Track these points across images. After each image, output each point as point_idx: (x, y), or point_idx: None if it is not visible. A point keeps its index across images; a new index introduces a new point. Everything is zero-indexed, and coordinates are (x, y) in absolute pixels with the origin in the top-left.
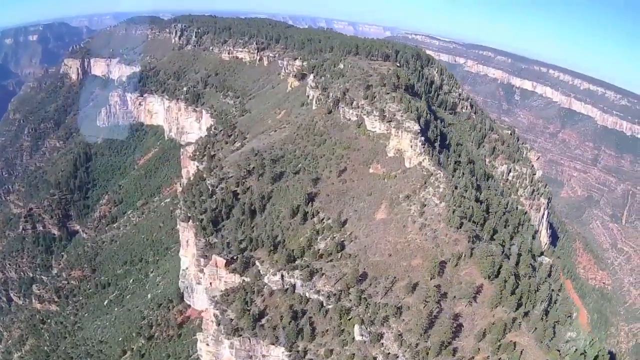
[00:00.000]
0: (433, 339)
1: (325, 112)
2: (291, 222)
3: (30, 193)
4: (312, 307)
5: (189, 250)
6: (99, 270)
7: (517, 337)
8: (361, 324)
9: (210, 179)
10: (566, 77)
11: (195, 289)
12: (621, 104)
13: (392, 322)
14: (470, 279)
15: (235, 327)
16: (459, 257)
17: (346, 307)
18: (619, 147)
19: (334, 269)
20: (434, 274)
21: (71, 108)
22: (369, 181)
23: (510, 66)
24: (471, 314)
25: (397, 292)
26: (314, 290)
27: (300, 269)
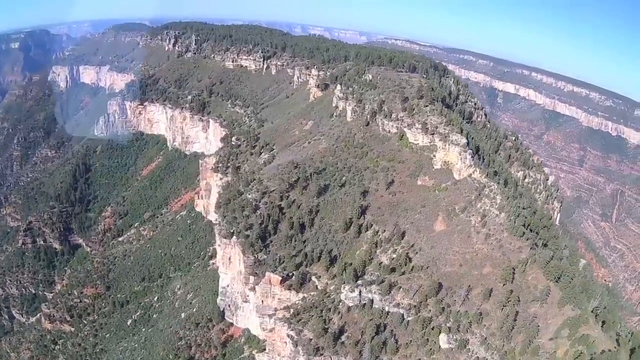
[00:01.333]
0: (516, 339)
1: (363, 124)
2: (345, 236)
3: (28, 205)
4: (392, 321)
5: (232, 268)
6: (114, 288)
7: (588, 330)
8: (448, 333)
9: (250, 193)
10: (549, 80)
11: (241, 307)
12: (606, 104)
13: (474, 328)
14: (537, 283)
15: (316, 346)
16: (525, 264)
17: (427, 318)
18: (605, 148)
19: (409, 281)
20: (508, 279)
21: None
22: (419, 193)
23: (492, 69)
24: (544, 314)
25: (474, 300)
26: (393, 303)
27: (377, 283)
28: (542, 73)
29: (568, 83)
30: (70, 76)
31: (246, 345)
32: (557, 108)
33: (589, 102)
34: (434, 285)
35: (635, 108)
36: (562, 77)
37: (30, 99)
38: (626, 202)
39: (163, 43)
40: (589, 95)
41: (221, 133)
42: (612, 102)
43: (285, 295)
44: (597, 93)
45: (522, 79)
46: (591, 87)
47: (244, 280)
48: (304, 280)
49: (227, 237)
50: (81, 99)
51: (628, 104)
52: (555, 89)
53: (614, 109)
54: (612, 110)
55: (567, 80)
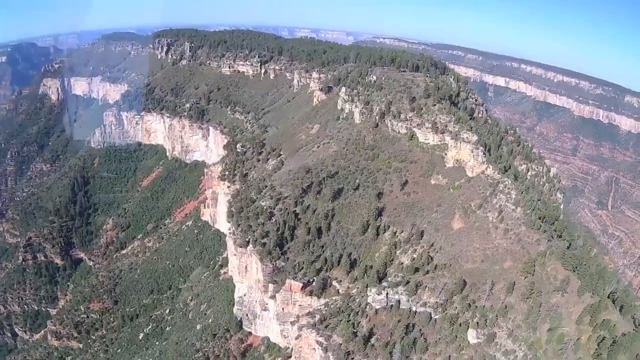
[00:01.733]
0: (541, 329)
1: (372, 126)
2: (363, 239)
3: (26, 221)
4: (420, 320)
5: (249, 276)
6: (122, 302)
7: (608, 316)
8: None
9: (264, 201)
10: (539, 71)
11: (260, 315)
12: (596, 93)
13: (500, 321)
14: (556, 273)
15: (346, 351)
16: (544, 256)
17: (454, 315)
18: (597, 136)
19: (434, 280)
20: (529, 272)
21: (53, 130)
22: (434, 192)
23: (481, 64)
24: (565, 303)
25: (498, 294)
26: (420, 303)
27: (403, 284)
28: (531, 64)
29: (558, 73)
30: (62, 88)
31: (267, 354)
32: (548, 99)
33: (579, 91)
34: (459, 282)
35: (626, 94)
36: (552, 67)
37: (21, 113)
38: (621, 189)
39: (155, 51)
40: (579, 84)
41: (223, 140)
42: (602, 89)
43: (306, 302)
44: (587, 82)
45: (512, 71)
46: (581, 76)
47: (263, 288)
48: (325, 285)
49: (243, 245)
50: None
51: (618, 91)
52: (545, 80)
53: (604, 96)
54: (603, 98)
55: (556, 70)
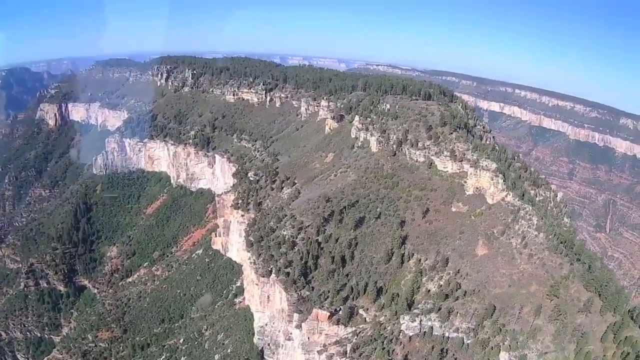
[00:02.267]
0: (569, 349)
1: (390, 154)
2: (387, 267)
3: (27, 247)
4: (452, 345)
5: (271, 306)
6: (131, 330)
7: (630, 332)
8: (508, 351)
9: (285, 230)
10: (533, 95)
11: (284, 345)
12: (591, 116)
13: (530, 343)
14: (579, 295)
15: None
16: (567, 278)
17: (485, 339)
18: (593, 159)
19: (464, 306)
20: (555, 295)
21: (52, 155)
22: (455, 219)
23: (475, 89)
24: (589, 323)
25: (526, 317)
26: (452, 328)
27: (435, 311)
28: (525, 89)
29: (552, 97)
30: (59, 114)
31: None
32: (543, 123)
33: (574, 115)
34: (489, 307)
35: (621, 116)
36: (546, 91)
37: (18, 138)
38: (619, 211)
39: (155, 78)
40: (574, 108)
41: (230, 168)
42: (597, 112)
43: (333, 330)
44: (582, 105)
45: (506, 96)
46: (575, 100)
47: (288, 318)
48: (352, 313)
49: (266, 275)
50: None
51: (613, 114)
52: (540, 104)
53: (599, 119)
54: (598, 121)
55: (550, 94)
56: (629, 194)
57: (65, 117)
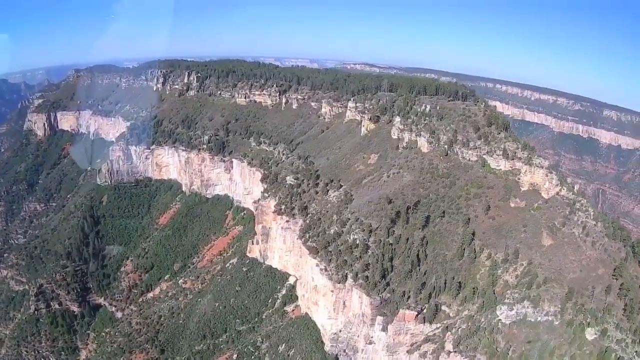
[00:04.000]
0: (638, 319)
1: (442, 155)
2: (461, 263)
3: (33, 267)
4: (543, 328)
5: (346, 312)
6: (169, 350)
7: None
8: (595, 326)
9: (354, 234)
10: (514, 90)
11: (364, 349)
12: (575, 109)
13: (607, 318)
14: (637, 274)
15: None
16: (626, 260)
17: (570, 319)
18: (579, 150)
19: (547, 292)
20: (620, 275)
21: (42, 166)
22: (516, 214)
23: None
24: None
25: (599, 296)
26: (543, 313)
27: (528, 299)
28: (506, 84)
29: (534, 91)
30: (48, 123)
31: None
32: (526, 117)
33: (557, 108)
34: (571, 290)
35: (604, 108)
36: (527, 86)
37: (6, 150)
38: (609, 200)
39: (149, 83)
40: (556, 101)
41: (252, 173)
42: (581, 105)
43: (418, 329)
44: (565, 98)
45: (487, 91)
46: (558, 93)
47: (370, 322)
48: (436, 310)
49: (342, 281)
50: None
51: (596, 106)
52: (522, 99)
53: (583, 112)
54: (581, 113)
55: (532, 88)
56: (617, 183)
57: (54, 127)
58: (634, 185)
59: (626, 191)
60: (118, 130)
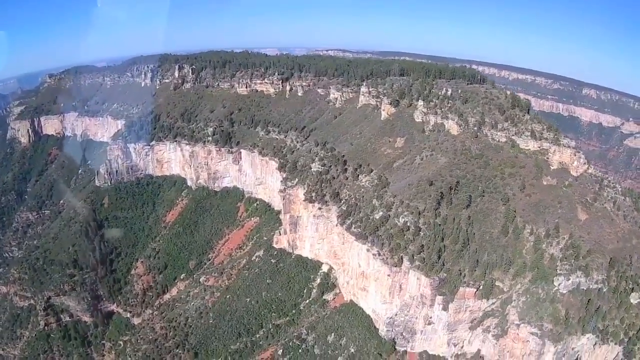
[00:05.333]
0: None
1: (473, 137)
2: (507, 239)
3: (38, 279)
4: (595, 295)
5: (402, 295)
6: (203, 352)
7: None
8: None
9: (403, 217)
10: (492, 70)
11: (422, 331)
12: (554, 87)
13: None
14: None
15: (557, 332)
16: None
17: (614, 286)
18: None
19: (593, 262)
20: None
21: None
22: (550, 191)
23: None
24: None
25: (636, 264)
26: (593, 282)
27: (580, 269)
28: (483, 65)
29: (512, 71)
30: (32, 130)
31: None
32: None
33: (536, 88)
34: (613, 260)
35: (583, 87)
36: (504, 66)
37: None
38: None
39: (136, 79)
40: (535, 80)
41: (264, 162)
42: (560, 84)
43: (476, 306)
44: (543, 78)
45: None
46: (536, 73)
47: (430, 302)
48: (492, 286)
49: (397, 265)
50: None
51: (575, 85)
52: (500, 79)
53: (562, 90)
54: (561, 92)
55: (509, 69)
56: (602, 160)
57: (38, 133)
58: (619, 162)
59: (612, 168)
60: (108, 129)
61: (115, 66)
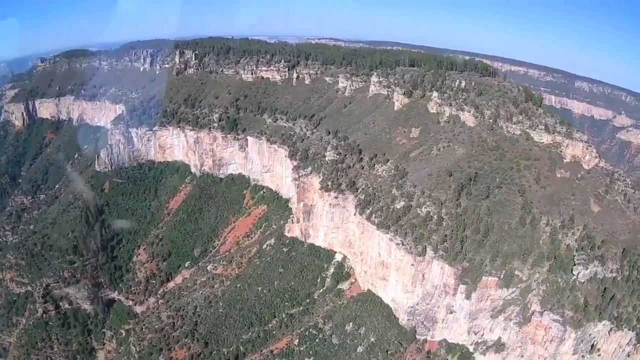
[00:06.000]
0: None
1: (488, 129)
2: (525, 230)
3: (35, 265)
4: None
5: (424, 284)
6: (214, 342)
7: None
8: None
9: (425, 207)
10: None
11: (444, 319)
12: (546, 80)
13: None
14: None
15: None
16: None
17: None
18: None
19: (608, 252)
20: None
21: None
22: (563, 184)
23: None
24: None
25: None
26: (608, 270)
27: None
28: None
29: (504, 63)
30: (27, 112)
31: (449, 355)
32: None
33: (528, 80)
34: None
35: (575, 80)
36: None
37: None
38: None
39: (134, 64)
40: (527, 72)
41: (272, 150)
42: (552, 77)
43: (497, 294)
44: (536, 70)
45: None
46: (529, 65)
47: (453, 291)
48: (512, 275)
49: (421, 254)
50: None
51: (567, 77)
52: None
53: (554, 83)
54: (553, 84)
55: (501, 60)
56: None
57: (33, 116)
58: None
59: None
60: (105, 114)
61: (112, 50)
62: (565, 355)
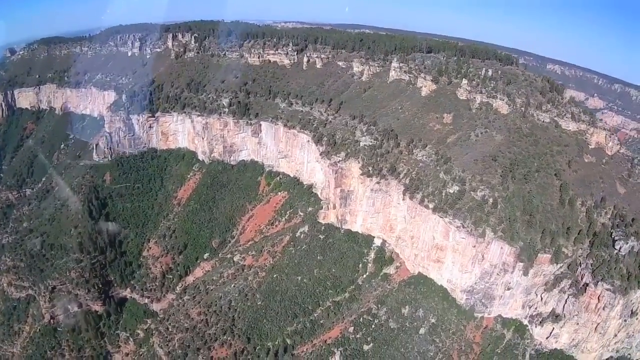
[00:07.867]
0: None
1: (521, 116)
2: (564, 210)
3: (37, 267)
4: None
5: (482, 264)
6: (256, 337)
7: None
8: None
9: (480, 191)
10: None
11: (501, 296)
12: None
13: None
14: None
15: (625, 287)
16: None
17: None
18: None
19: None
20: None
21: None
22: (591, 168)
23: None
24: None
25: None
26: None
27: (633, 234)
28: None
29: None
30: (6, 103)
31: (505, 329)
32: None
33: None
34: None
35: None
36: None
37: None
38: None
39: (120, 49)
40: None
41: (291, 135)
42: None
43: (549, 270)
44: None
45: None
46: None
47: (511, 269)
48: (559, 252)
49: (481, 236)
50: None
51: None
52: None
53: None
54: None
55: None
56: None
57: (12, 107)
58: None
59: None
60: (92, 101)
61: (94, 36)
62: (613, 319)
